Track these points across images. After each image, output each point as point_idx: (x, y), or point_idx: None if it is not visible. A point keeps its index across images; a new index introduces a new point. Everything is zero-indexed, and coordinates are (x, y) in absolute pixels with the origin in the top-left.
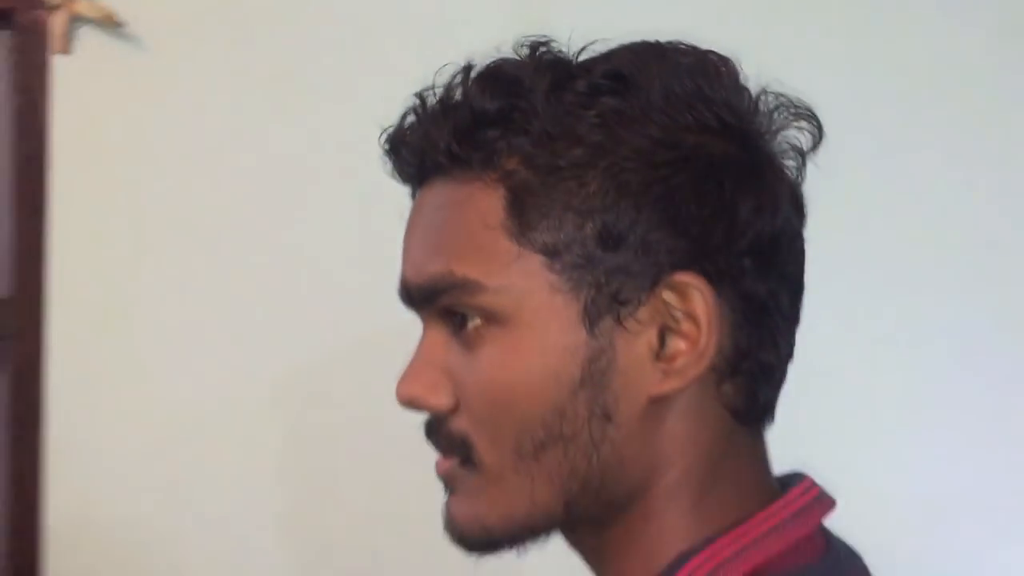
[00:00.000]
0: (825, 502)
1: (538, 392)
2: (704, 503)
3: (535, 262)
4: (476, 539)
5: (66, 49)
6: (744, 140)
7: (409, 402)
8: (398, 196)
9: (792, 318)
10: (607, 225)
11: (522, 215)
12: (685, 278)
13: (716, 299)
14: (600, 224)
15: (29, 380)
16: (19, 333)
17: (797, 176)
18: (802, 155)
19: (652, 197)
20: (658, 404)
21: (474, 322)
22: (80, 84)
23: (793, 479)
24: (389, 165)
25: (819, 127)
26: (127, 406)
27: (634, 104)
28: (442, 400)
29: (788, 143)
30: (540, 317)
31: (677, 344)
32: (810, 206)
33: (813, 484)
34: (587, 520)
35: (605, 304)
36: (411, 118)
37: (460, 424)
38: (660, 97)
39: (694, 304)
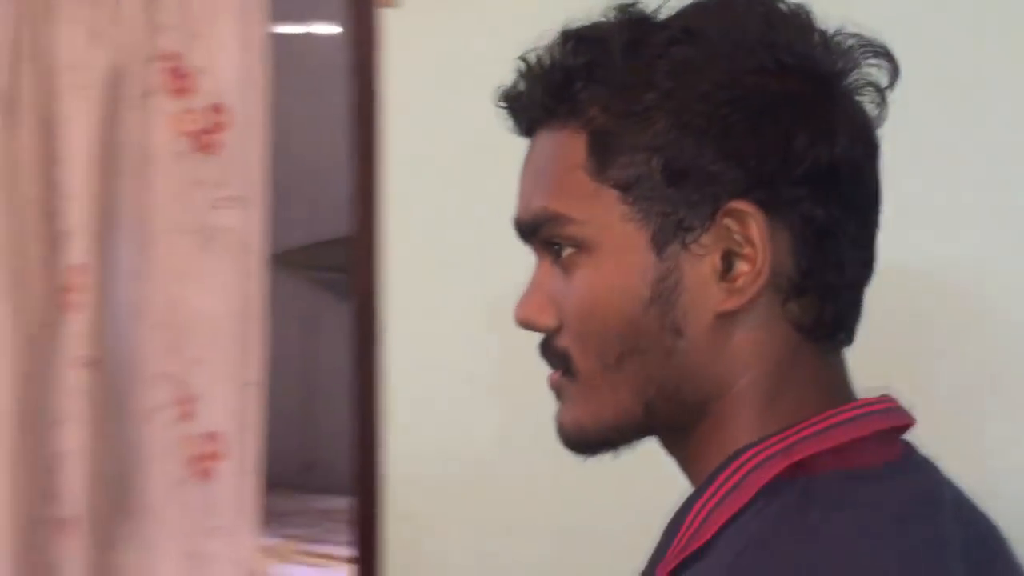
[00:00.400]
0: (895, 415)
1: (616, 309)
2: (768, 410)
3: (611, 196)
4: (577, 440)
5: (392, 3)
6: (803, 78)
7: (523, 323)
8: None
9: (862, 244)
10: (670, 161)
11: (600, 156)
12: (740, 205)
13: (771, 224)
14: (665, 160)
15: (368, 310)
16: (359, 268)
17: (879, 109)
18: (879, 91)
19: (711, 134)
20: (724, 320)
21: (567, 251)
22: (407, 35)
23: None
24: (508, 122)
25: (894, 64)
26: (455, 333)
27: (701, 53)
28: (548, 321)
29: (865, 80)
30: (617, 244)
31: (741, 266)
32: None
33: (887, 399)
34: (669, 425)
35: (671, 231)
36: (520, 80)
37: (563, 341)
38: (725, 45)
39: (750, 229)
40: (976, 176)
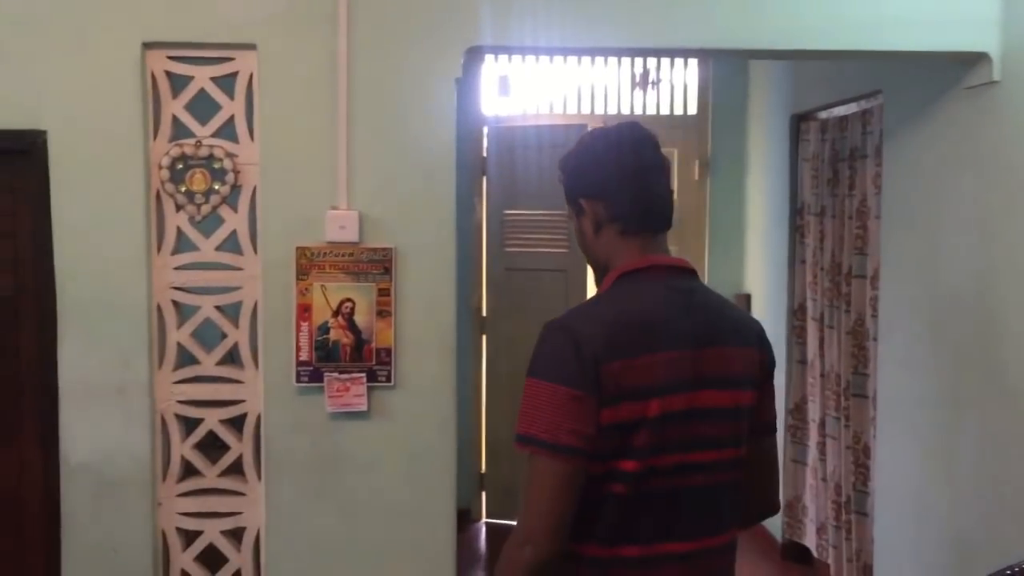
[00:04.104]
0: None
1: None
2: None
3: (574, 203)
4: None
5: None
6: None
7: None
8: None
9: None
10: (567, 191)
11: (567, 191)
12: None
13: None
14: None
15: None
16: None
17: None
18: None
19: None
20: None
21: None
22: None
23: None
24: None
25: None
26: None
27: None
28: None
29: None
30: (577, 217)
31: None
32: None
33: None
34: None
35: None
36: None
37: None
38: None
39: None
40: None
